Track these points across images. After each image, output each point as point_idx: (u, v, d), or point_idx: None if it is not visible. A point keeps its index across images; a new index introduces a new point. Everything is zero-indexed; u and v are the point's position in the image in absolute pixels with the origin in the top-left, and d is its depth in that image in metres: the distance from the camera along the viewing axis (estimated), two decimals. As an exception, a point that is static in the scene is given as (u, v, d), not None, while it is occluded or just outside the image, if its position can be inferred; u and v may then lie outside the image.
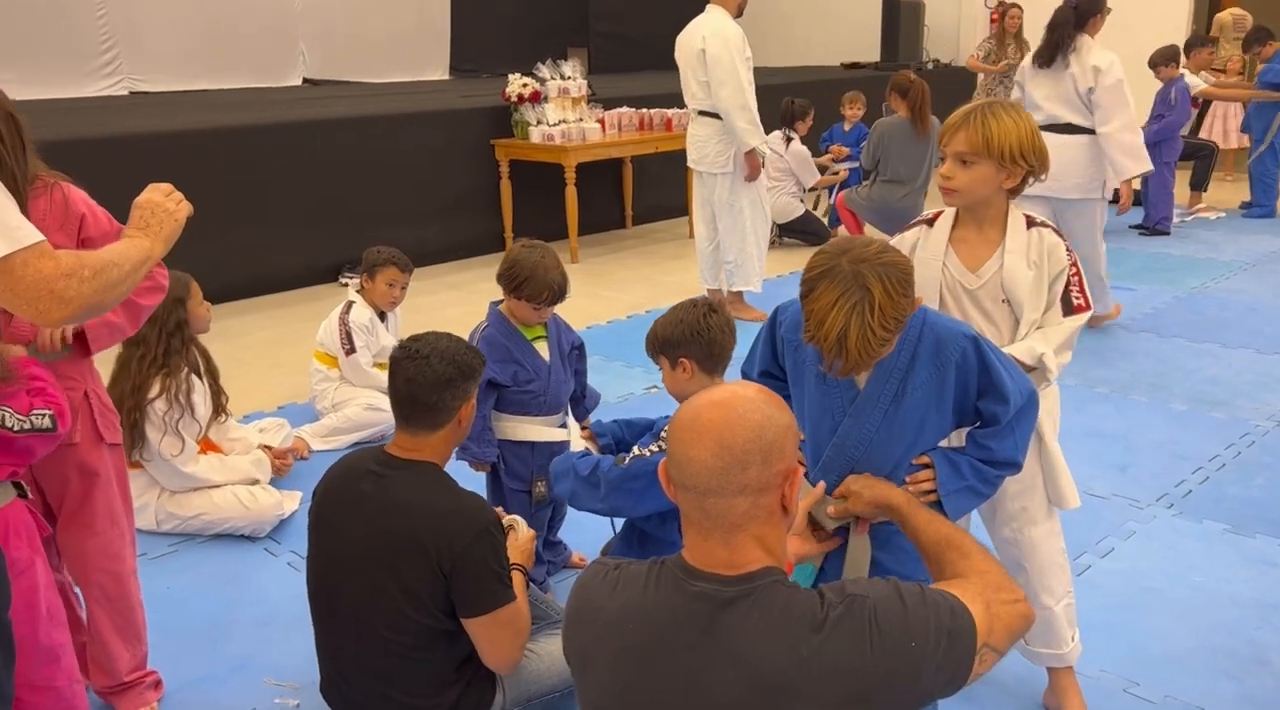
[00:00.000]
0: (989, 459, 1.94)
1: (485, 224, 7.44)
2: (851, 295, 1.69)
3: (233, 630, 2.92)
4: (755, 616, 1.37)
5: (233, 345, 5.37)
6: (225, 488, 3.46)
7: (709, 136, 5.61)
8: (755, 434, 1.39)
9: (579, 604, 1.53)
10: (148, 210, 1.84)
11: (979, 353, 1.89)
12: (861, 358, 1.72)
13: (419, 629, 2.18)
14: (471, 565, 2.13)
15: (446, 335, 2.33)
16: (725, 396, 1.44)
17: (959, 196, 2.20)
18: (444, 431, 2.25)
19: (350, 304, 4.29)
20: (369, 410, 4.18)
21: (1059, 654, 2.42)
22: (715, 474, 1.38)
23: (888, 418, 1.90)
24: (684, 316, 2.61)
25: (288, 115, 6.87)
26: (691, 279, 6.65)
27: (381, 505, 2.19)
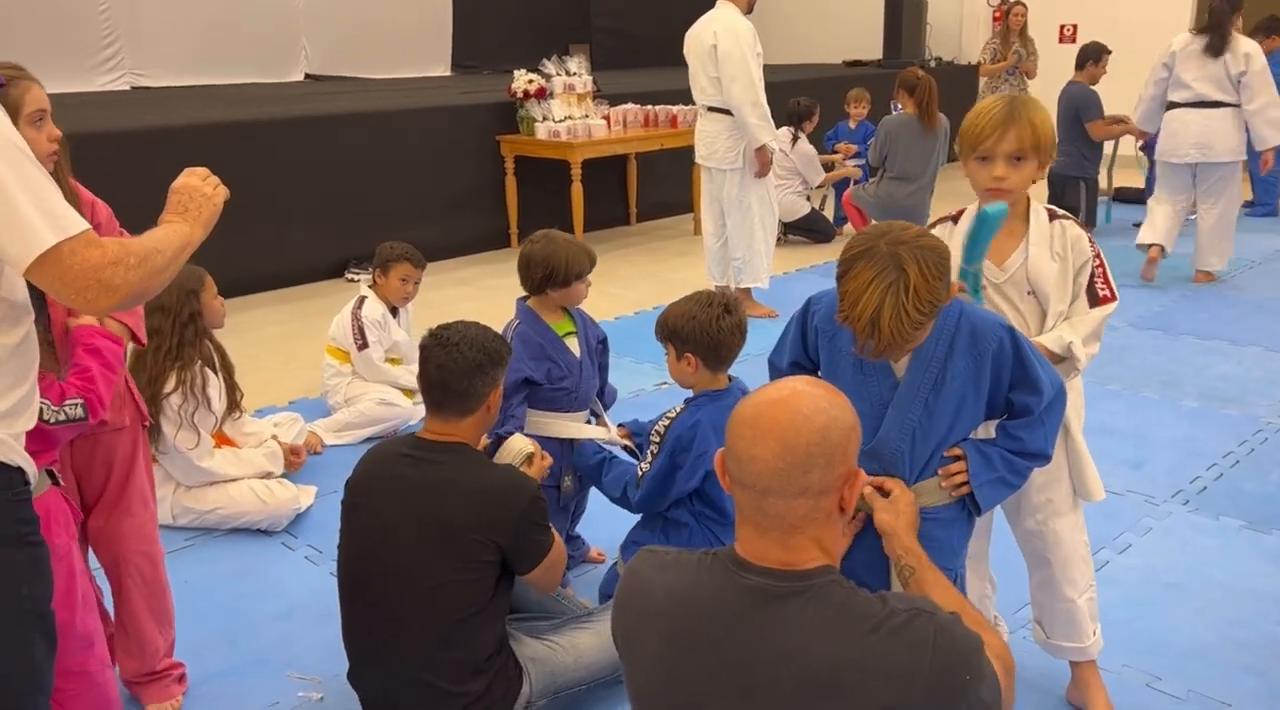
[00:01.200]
0: (1020, 450, 1.96)
1: (491, 220, 7.43)
2: (887, 275, 1.70)
3: (253, 624, 2.92)
4: (810, 612, 1.37)
5: (241, 340, 5.35)
6: (241, 482, 3.46)
7: (718, 132, 5.60)
8: (820, 436, 1.38)
9: (628, 589, 1.53)
10: (185, 195, 1.82)
11: (1014, 343, 1.90)
12: (894, 339, 1.72)
13: (461, 605, 2.21)
14: (527, 530, 2.25)
15: (475, 323, 2.36)
16: (790, 395, 1.42)
17: (1011, 196, 2.19)
18: (474, 417, 2.30)
19: (363, 299, 4.28)
20: (381, 405, 4.18)
21: (1081, 647, 2.42)
22: (776, 475, 1.37)
23: (928, 407, 1.91)
24: (697, 314, 2.62)
25: (293, 111, 6.85)
26: (698, 275, 6.65)
27: (425, 486, 2.23)
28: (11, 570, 1.51)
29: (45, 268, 1.46)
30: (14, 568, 1.52)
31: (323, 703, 2.58)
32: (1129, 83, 8.49)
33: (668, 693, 1.45)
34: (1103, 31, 8.56)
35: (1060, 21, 10.89)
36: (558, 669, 2.38)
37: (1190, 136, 6.05)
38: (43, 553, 1.57)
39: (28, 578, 1.54)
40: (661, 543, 2.74)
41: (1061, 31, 10.90)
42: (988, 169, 2.16)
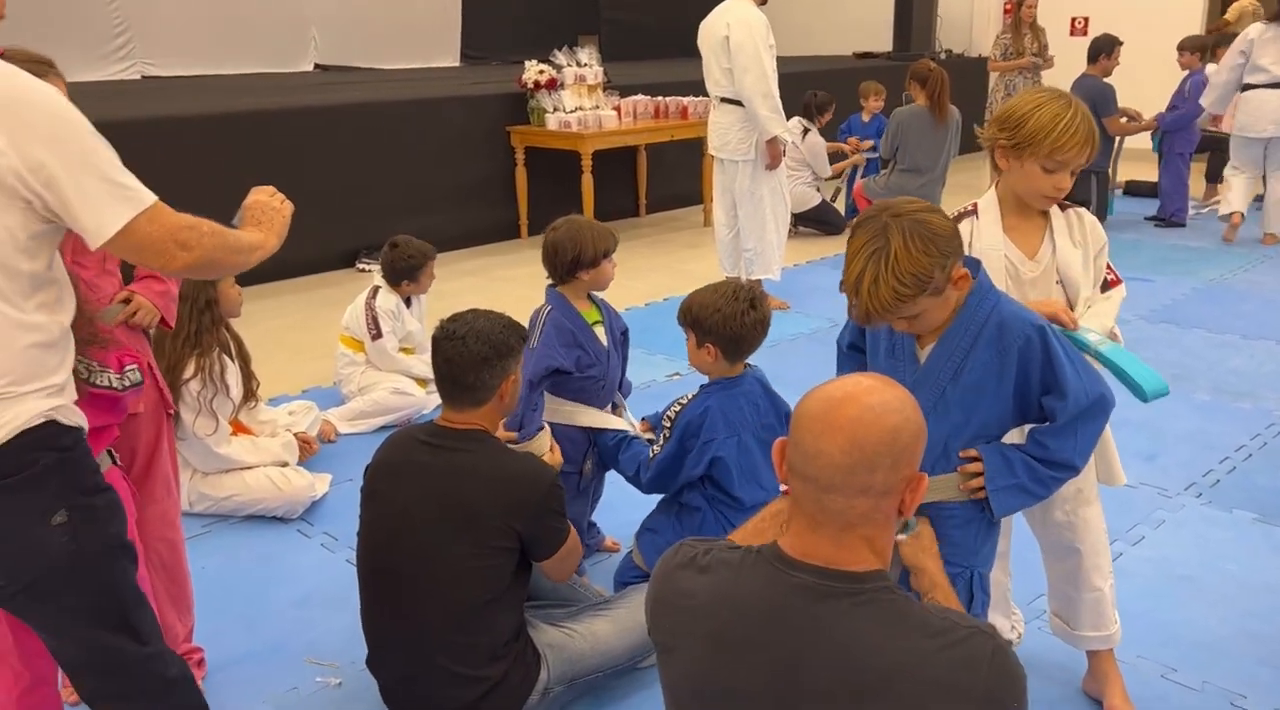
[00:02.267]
0: (1044, 458, 1.93)
1: (501, 211, 7.44)
2: (874, 243, 1.74)
3: (270, 611, 2.94)
4: (863, 613, 1.35)
5: (253, 331, 5.32)
6: (258, 469, 3.47)
7: (730, 124, 5.60)
8: (890, 437, 1.37)
9: (667, 591, 1.50)
10: (257, 210, 2.02)
11: (1044, 343, 1.88)
12: (870, 305, 1.75)
13: (480, 591, 2.23)
14: (545, 517, 2.27)
15: (486, 313, 2.36)
16: (862, 392, 1.40)
17: (1055, 202, 2.21)
18: (487, 407, 2.32)
19: (376, 289, 4.29)
20: (395, 394, 4.19)
21: (1105, 635, 2.43)
22: (841, 471, 1.36)
23: (945, 396, 1.91)
24: (722, 306, 2.62)
25: (303, 100, 6.87)
26: (708, 267, 6.65)
27: (444, 472, 2.25)
28: (98, 513, 1.72)
29: (123, 239, 1.61)
30: (99, 512, 1.72)
31: (340, 688, 2.59)
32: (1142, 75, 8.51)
33: (708, 693, 1.42)
34: (1115, 24, 8.55)
35: (1071, 14, 10.86)
36: (575, 656, 2.40)
37: (1268, 114, 6.78)
38: (113, 493, 1.77)
39: (111, 517, 1.75)
40: (676, 529, 2.75)
41: (1073, 24, 10.87)
42: (1053, 180, 2.12)
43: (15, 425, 1.59)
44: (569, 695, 2.45)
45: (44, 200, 1.57)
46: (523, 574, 2.32)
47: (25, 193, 1.55)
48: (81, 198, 1.57)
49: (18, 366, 1.60)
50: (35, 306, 1.62)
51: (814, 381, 1.45)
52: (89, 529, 1.68)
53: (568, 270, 2.82)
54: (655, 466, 2.71)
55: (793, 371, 4.89)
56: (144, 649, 1.80)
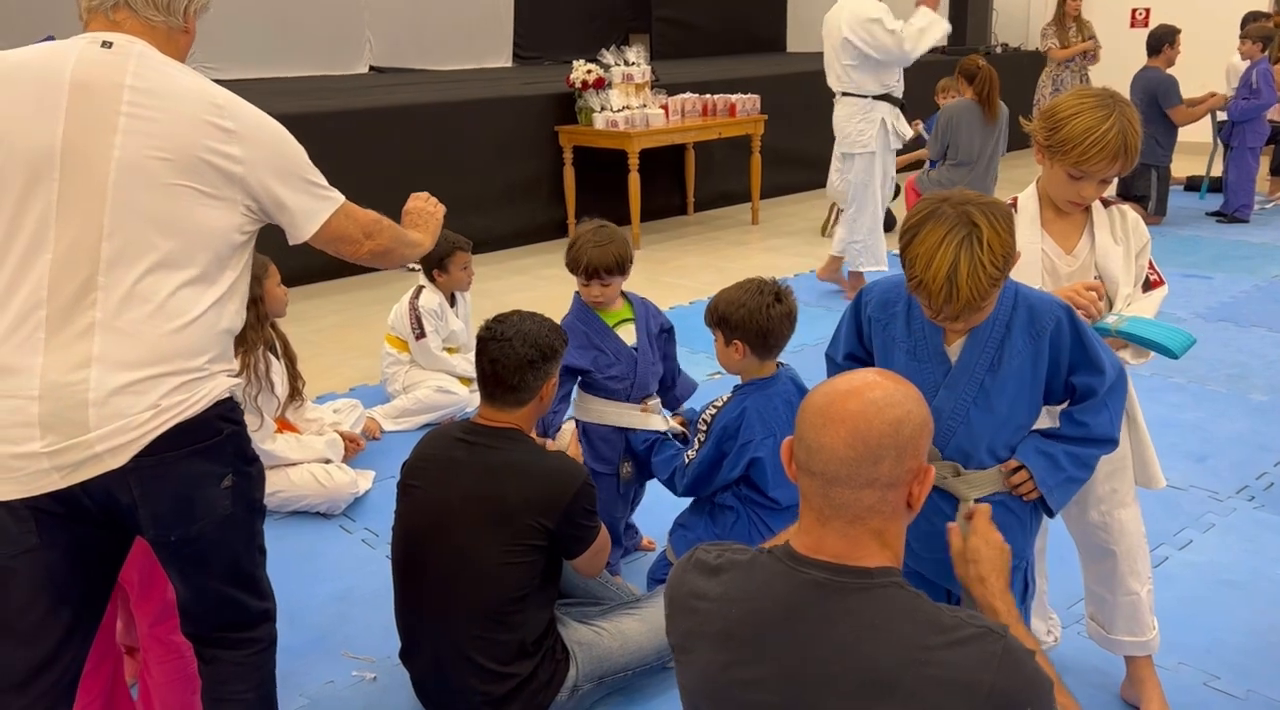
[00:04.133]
0: (1085, 436, 1.92)
1: (549, 211, 7.48)
2: (960, 230, 1.70)
3: (310, 605, 2.99)
4: (873, 609, 1.35)
5: (304, 328, 5.47)
6: (301, 466, 3.53)
7: (848, 116, 5.72)
8: (893, 428, 1.37)
9: (681, 595, 1.51)
10: (417, 215, 2.41)
11: (1073, 323, 1.88)
12: (972, 296, 1.71)
13: (511, 587, 2.25)
14: (576, 516, 2.29)
15: (530, 315, 2.39)
16: (864, 385, 1.41)
17: (1082, 206, 2.19)
18: (527, 409, 2.35)
19: (420, 289, 4.34)
20: (439, 393, 4.24)
21: (1142, 641, 2.38)
22: (846, 464, 1.36)
23: (984, 389, 1.89)
24: (747, 301, 2.61)
25: (356, 103, 6.96)
26: (755, 265, 6.64)
27: (479, 469, 2.29)
28: (253, 480, 1.94)
29: (324, 232, 1.98)
30: (254, 478, 1.95)
31: (376, 682, 2.63)
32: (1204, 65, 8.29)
33: (722, 693, 1.43)
34: (1176, 15, 8.33)
35: (1132, 6, 10.63)
36: (604, 654, 2.41)
37: None
38: (260, 464, 1.98)
39: (259, 485, 1.98)
40: (709, 527, 2.75)
41: (1134, 16, 10.64)
42: (1078, 187, 2.12)
43: (212, 397, 1.80)
44: (598, 693, 2.46)
45: (262, 205, 1.87)
46: (554, 572, 2.34)
47: (247, 200, 1.84)
48: (293, 201, 1.90)
49: (214, 347, 1.82)
50: (232, 296, 1.86)
51: None
52: (244, 493, 1.89)
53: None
54: (692, 471, 2.69)
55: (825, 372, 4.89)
56: (261, 603, 2.04)
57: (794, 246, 7.22)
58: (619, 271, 2.85)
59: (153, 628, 2.20)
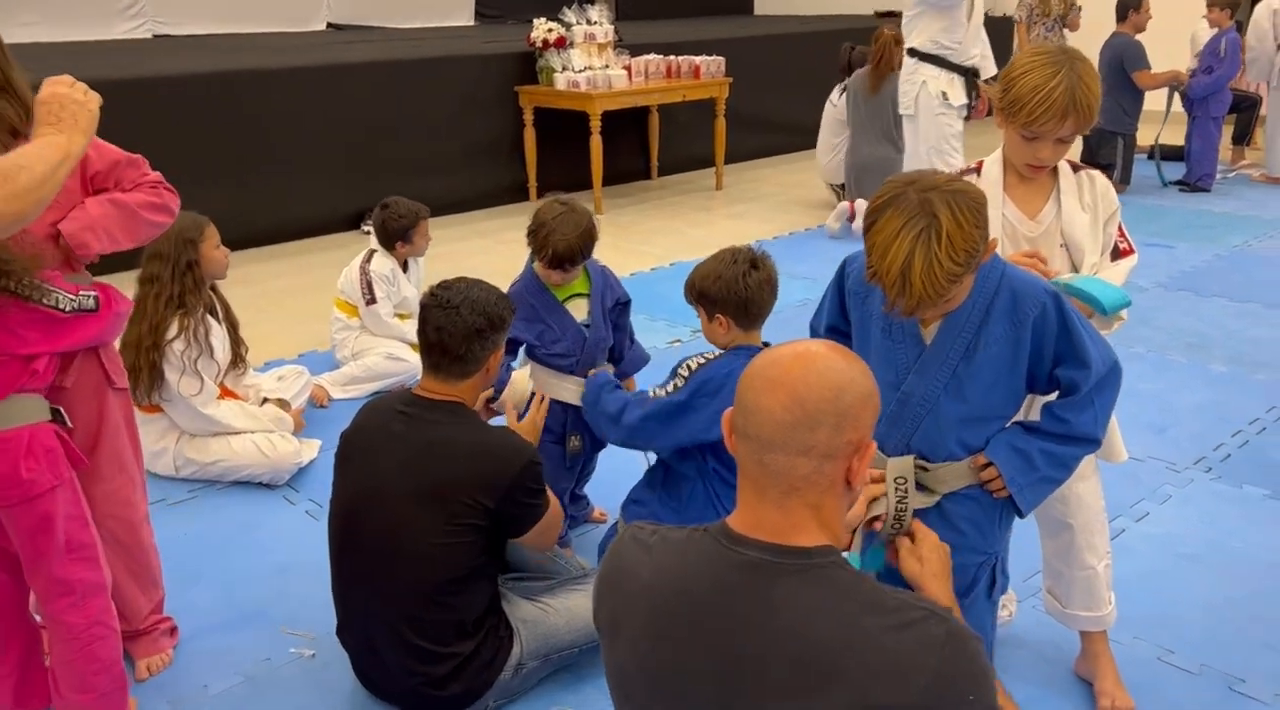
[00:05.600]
0: (1066, 434, 1.83)
1: (509, 173, 7.33)
2: (917, 222, 1.59)
3: (249, 578, 2.89)
4: (810, 592, 1.28)
5: (253, 291, 5.32)
6: (245, 435, 3.42)
7: (902, 74, 5.47)
8: (833, 395, 1.29)
9: (611, 569, 1.44)
10: (55, 104, 1.73)
11: (1060, 311, 1.78)
12: (927, 293, 1.61)
13: (451, 566, 2.17)
14: (519, 494, 2.19)
15: (477, 283, 2.30)
16: (808, 351, 1.34)
17: (1044, 171, 2.11)
18: (471, 380, 2.27)
19: (372, 252, 4.22)
20: (389, 360, 4.13)
21: (1097, 616, 2.34)
22: (782, 428, 1.29)
23: (957, 375, 1.80)
24: (722, 272, 2.51)
25: (312, 60, 6.76)
26: (719, 232, 6.55)
27: (418, 443, 2.19)
28: None
29: None
30: None
31: (314, 659, 2.55)
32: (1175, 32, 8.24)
33: (654, 676, 1.36)
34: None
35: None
36: (549, 631, 2.34)
37: None
38: None
39: None
40: (664, 501, 2.67)
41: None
42: (1033, 149, 2.04)
43: None
44: (544, 670, 2.39)
45: None
46: (497, 549, 2.26)
47: None
48: None
49: None
50: None
51: None
52: None
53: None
54: (652, 408, 2.49)
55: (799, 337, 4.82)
56: None
57: (759, 212, 7.13)
58: (585, 257, 2.75)
59: (44, 606, 2.11)
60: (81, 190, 2.08)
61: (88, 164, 2.07)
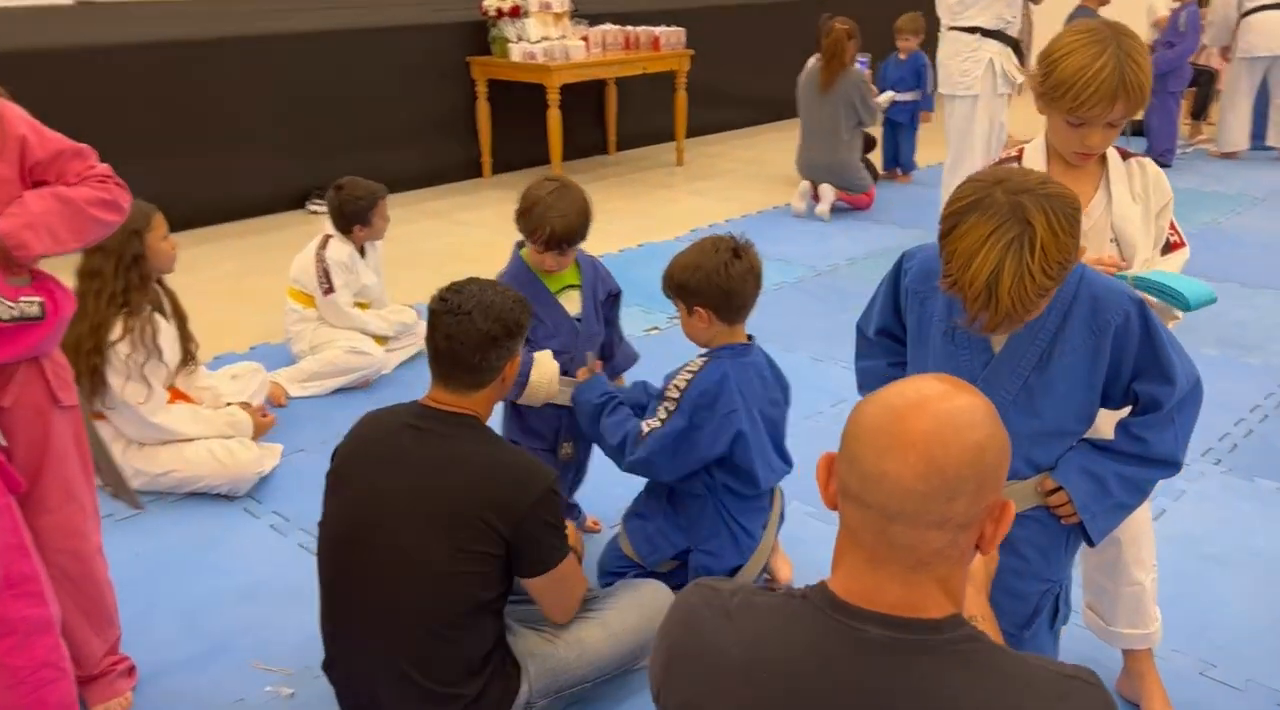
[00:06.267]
0: (1143, 455, 1.67)
1: (461, 149, 7.03)
2: (1008, 230, 1.41)
3: (213, 606, 2.63)
4: (948, 674, 1.08)
5: (195, 278, 4.96)
6: (198, 442, 3.14)
7: (952, 53, 5.08)
8: (974, 457, 1.08)
9: (680, 642, 1.21)
10: None
11: (1144, 320, 1.61)
12: (1015, 309, 1.44)
13: (461, 598, 1.96)
14: (535, 527, 1.98)
15: (490, 285, 2.07)
16: (937, 397, 1.12)
17: (1092, 158, 1.93)
18: (485, 391, 2.05)
19: (327, 238, 3.92)
20: (351, 353, 3.85)
21: (1144, 634, 2.20)
22: (914, 498, 1.08)
23: (1028, 386, 1.63)
24: (702, 261, 2.33)
25: (250, 29, 6.37)
26: (682, 211, 6.33)
27: (428, 461, 1.97)
28: None
29: None
30: None
31: (294, 699, 2.30)
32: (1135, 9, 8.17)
33: None
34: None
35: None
36: (559, 666, 2.13)
37: (1275, 32, 7.16)
38: None
39: None
40: (670, 517, 2.48)
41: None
42: (1081, 136, 1.85)
43: None
44: (554, 707, 2.18)
45: None
46: (509, 578, 2.04)
47: None
48: None
49: None
50: None
51: (799, 334, 1.16)
52: None
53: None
54: (654, 442, 2.34)
55: (775, 323, 4.63)
56: None
57: (722, 189, 6.92)
58: (583, 237, 2.52)
59: None
60: (20, 181, 1.81)
61: (27, 152, 1.80)
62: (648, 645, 2.24)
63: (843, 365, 4.05)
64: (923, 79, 6.74)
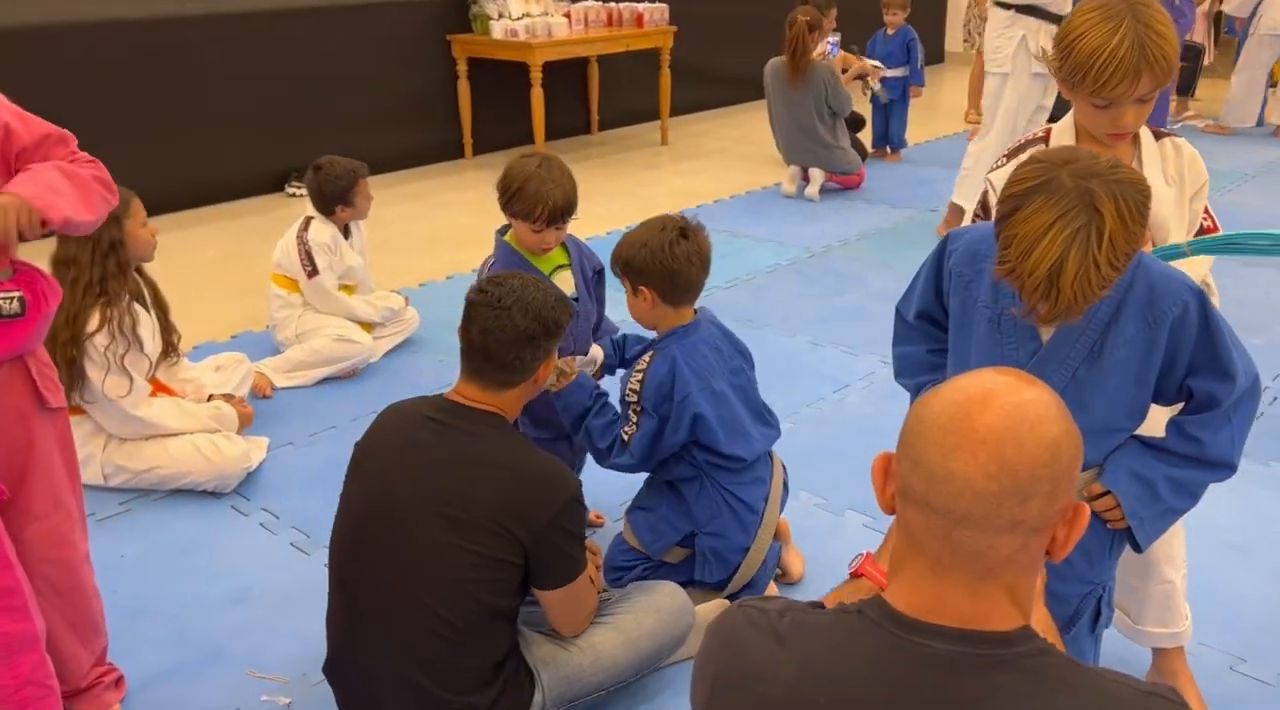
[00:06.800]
0: (1197, 456, 1.58)
1: (442, 130, 6.86)
2: (1075, 217, 1.32)
3: (203, 610, 2.51)
4: (1021, 691, 0.99)
5: (174, 264, 4.81)
6: (183, 437, 3.01)
7: (991, 28, 4.91)
8: (1049, 455, 0.99)
9: (728, 669, 1.12)
10: None
11: (1204, 312, 1.52)
12: (1076, 300, 1.35)
13: (479, 605, 1.86)
14: (557, 537, 1.88)
15: (533, 281, 1.99)
16: (1004, 389, 1.03)
17: (1127, 138, 1.82)
18: (516, 390, 1.96)
19: (309, 219, 3.79)
20: (339, 342, 3.72)
21: (1174, 633, 2.13)
22: (984, 500, 0.99)
23: (1077, 380, 1.54)
24: (648, 240, 2.29)
25: (226, 7, 6.17)
26: (669, 192, 6.22)
27: (449, 458, 1.88)
28: None
29: None
30: None
31: (291, 709, 2.20)
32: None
33: None
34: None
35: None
36: (574, 673, 2.03)
37: None
38: None
39: None
40: (671, 506, 2.40)
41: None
42: (1111, 117, 1.75)
43: None
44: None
45: None
46: (525, 590, 1.95)
47: None
48: None
49: None
50: None
51: (795, 319, 1.07)
52: None
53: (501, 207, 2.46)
54: (635, 447, 2.33)
55: (771, 307, 4.55)
56: None
57: (710, 170, 6.80)
58: (575, 211, 2.43)
59: None
60: (4, 170, 1.69)
61: (12, 138, 1.69)
62: (663, 650, 2.16)
63: (841, 350, 3.97)
64: (912, 54, 6.63)
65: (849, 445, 3.24)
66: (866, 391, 3.62)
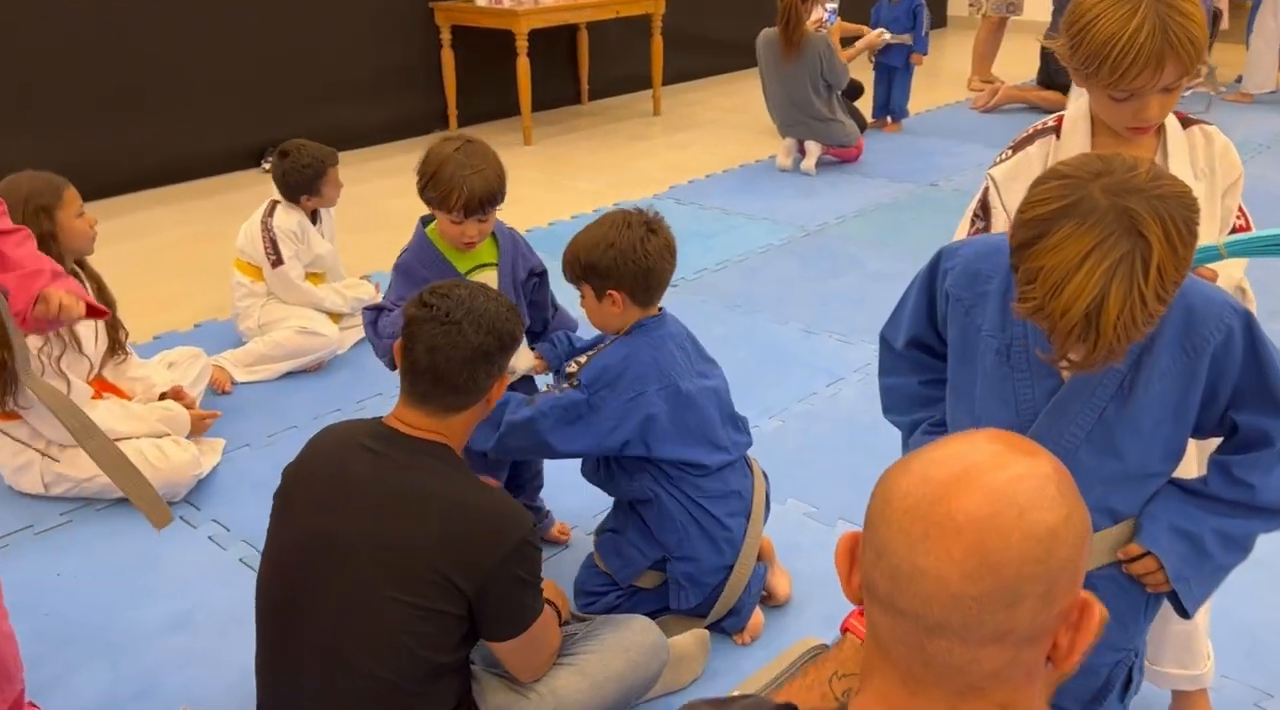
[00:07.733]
0: (1248, 503, 1.37)
1: (425, 100, 6.61)
2: (1114, 245, 1.11)
3: (140, 634, 2.33)
4: None
5: (140, 246, 4.62)
6: (128, 441, 2.81)
7: None
8: (1042, 549, 0.79)
9: None
10: None
11: (1250, 336, 1.31)
12: (1118, 342, 1.14)
13: (415, 661, 1.66)
14: (505, 584, 1.68)
15: (481, 290, 1.78)
16: (988, 463, 0.83)
17: (1151, 130, 1.60)
18: (465, 414, 1.74)
19: (274, 204, 3.57)
20: (302, 334, 3.51)
21: (1195, 675, 1.95)
22: (961, 605, 0.79)
23: (1104, 420, 1.33)
24: (615, 239, 2.07)
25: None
26: (662, 165, 5.98)
27: (383, 495, 1.67)
28: None
29: None
30: None
31: (229, 753, 2.02)
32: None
33: None
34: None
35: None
36: (570, 696, 1.84)
37: None
38: None
39: None
40: (637, 523, 2.21)
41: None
42: (1133, 110, 1.53)
43: None
44: (524, 764, 1.90)
45: None
46: (473, 640, 1.75)
47: None
48: None
49: None
50: None
51: (788, 303, 0.89)
52: None
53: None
54: (548, 403, 2.05)
55: (763, 290, 4.32)
56: None
57: (704, 141, 6.55)
58: (499, 201, 2.22)
59: None
60: None
61: None
62: (633, 694, 1.97)
63: (837, 338, 3.76)
64: (917, 19, 6.35)
65: (842, 445, 3.04)
66: (861, 385, 3.41)
